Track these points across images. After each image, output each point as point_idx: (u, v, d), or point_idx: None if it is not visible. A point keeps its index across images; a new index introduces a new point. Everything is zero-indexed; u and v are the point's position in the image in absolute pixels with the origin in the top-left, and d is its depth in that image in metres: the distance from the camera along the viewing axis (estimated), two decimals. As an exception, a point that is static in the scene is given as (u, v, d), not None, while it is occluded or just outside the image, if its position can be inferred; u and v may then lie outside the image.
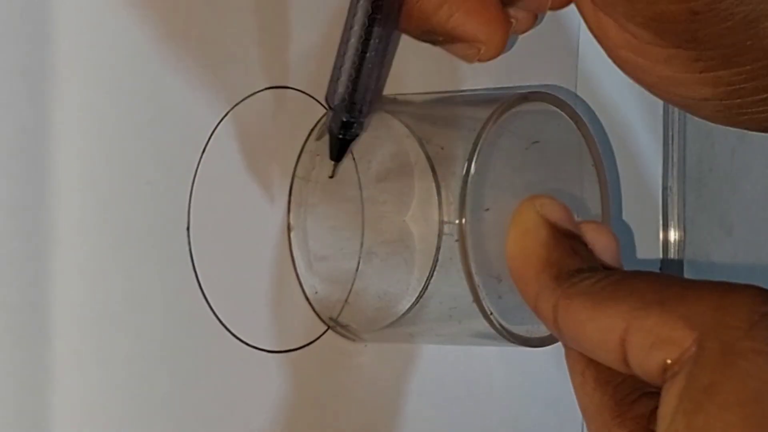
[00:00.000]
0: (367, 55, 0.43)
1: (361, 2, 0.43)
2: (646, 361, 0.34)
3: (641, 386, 0.35)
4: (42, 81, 0.41)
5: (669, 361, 0.33)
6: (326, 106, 0.45)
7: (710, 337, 0.32)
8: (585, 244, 0.38)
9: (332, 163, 0.46)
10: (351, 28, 0.43)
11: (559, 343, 0.38)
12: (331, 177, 0.46)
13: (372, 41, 0.43)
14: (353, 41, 0.43)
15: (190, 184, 0.44)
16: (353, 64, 0.43)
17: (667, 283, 0.35)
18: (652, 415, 0.34)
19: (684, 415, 0.32)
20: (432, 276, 0.43)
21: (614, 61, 0.41)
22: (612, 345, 0.35)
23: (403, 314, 0.45)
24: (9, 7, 0.40)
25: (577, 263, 0.37)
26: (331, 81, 0.44)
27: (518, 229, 0.39)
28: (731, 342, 0.32)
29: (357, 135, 0.45)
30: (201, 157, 0.45)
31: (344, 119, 0.44)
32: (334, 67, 0.44)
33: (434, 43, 0.44)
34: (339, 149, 0.45)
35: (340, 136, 0.45)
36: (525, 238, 0.38)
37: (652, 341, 0.34)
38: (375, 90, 0.45)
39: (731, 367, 0.32)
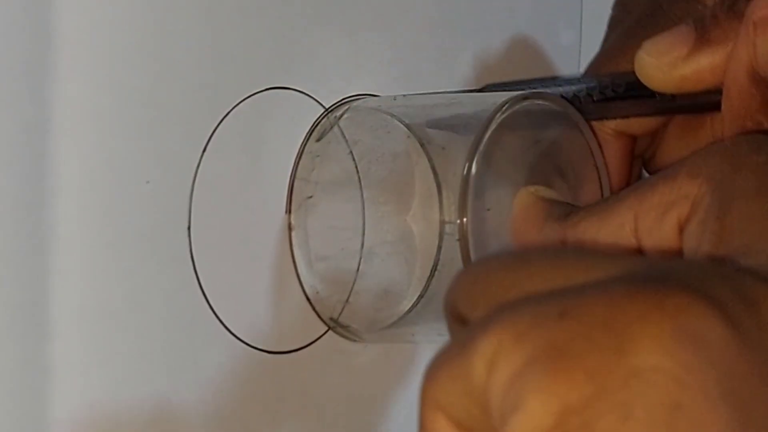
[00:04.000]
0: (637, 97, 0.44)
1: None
2: (661, 233, 0.32)
3: None
4: (43, 80, 0.41)
5: (683, 218, 0.32)
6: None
7: (717, 172, 0.31)
8: None
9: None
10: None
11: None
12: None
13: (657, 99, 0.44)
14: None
15: (191, 183, 0.44)
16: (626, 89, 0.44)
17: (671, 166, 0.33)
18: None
19: (716, 220, 0.31)
20: (433, 276, 0.43)
21: None
22: (626, 242, 0.33)
23: (405, 314, 0.45)
24: (10, 6, 0.40)
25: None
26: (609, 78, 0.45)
27: (519, 208, 0.38)
28: (740, 163, 0.31)
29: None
30: (201, 157, 0.44)
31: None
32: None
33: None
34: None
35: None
36: (527, 211, 0.38)
37: (662, 211, 0.32)
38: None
39: (751, 175, 0.31)
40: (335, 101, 0.47)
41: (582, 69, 0.59)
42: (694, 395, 0.24)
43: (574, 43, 0.58)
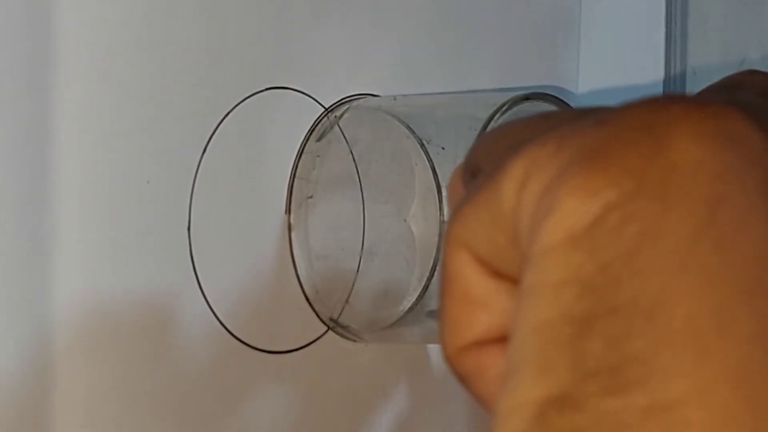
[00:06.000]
0: None
1: None
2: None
3: None
4: (44, 80, 0.41)
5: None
6: None
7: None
8: None
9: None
10: None
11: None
12: None
13: None
14: None
15: (191, 184, 0.44)
16: None
17: None
18: None
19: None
20: (433, 276, 0.43)
21: None
22: None
23: (404, 314, 0.45)
24: (11, 4, 0.40)
25: None
26: None
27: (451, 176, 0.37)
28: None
29: None
30: (202, 157, 0.45)
31: None
32: None
33: None
34: None
35: None
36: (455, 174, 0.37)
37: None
38: None
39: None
40: (335, 101, 0.48)
41: (581, 68, 0.59)
42: (735, 192, 0.23)
43: (574, 43, 0.58)
